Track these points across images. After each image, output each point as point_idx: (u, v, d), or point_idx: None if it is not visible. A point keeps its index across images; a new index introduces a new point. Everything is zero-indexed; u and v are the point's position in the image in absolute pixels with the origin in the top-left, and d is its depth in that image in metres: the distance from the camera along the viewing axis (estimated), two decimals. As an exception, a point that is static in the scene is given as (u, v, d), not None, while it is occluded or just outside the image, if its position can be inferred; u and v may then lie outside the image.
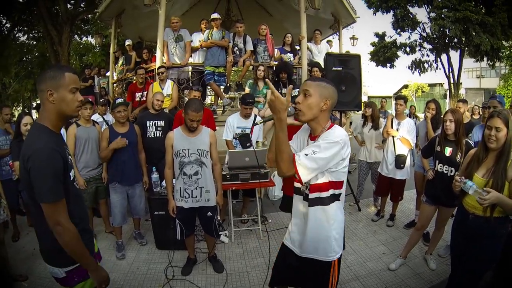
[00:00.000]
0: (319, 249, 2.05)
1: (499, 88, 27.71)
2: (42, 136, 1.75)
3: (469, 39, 16.36)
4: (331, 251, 2.04)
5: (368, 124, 5.52)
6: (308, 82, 1.98)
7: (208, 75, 6.53)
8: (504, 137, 2.37)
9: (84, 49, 18.72)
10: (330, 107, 1.98)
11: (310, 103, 1.91)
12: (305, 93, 1.93)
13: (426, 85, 39.60)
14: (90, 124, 4.31)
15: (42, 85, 1.75)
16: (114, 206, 4.11)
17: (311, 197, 2.00)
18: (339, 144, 1.85)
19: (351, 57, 4.61)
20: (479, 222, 2.50)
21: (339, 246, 2.08)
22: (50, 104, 1.77)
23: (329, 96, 1.94)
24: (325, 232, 2.02)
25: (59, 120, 1.83)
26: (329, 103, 1.94)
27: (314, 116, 1.95)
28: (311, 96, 1.91)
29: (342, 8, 8.88)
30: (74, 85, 1.81)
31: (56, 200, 1.70)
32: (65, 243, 1.74)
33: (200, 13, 8.22)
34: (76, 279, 1.94)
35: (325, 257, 2.05)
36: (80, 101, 1.84)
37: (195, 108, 3.21)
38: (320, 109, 1.93)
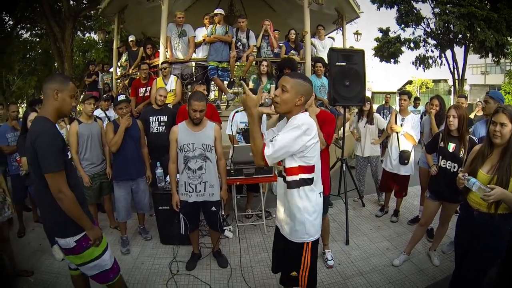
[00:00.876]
0: (293, 230, 2.22)
1: (504, 85, 27.50)
2: (46, 123, 2.19)
3: (474, 35, 16.26)
4: (304, 233, 2.19)
5: (363, 119, 5.53)
6: (287, 78, 2.12)
7: (211, 70, 6.54)
8: (509, 133, 2.35)
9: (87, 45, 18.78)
10: (304, 103, 2.14)
11: (286, 98, 2.07)
12: (282, 88, 2.08)
13: (430, 81, 39.39)
14: (92, 120, 4.32)
15: (52, 84, 2.24)
16: (119, 201, 4.12)
17: (288, 180, 2.17)
18: (299, 128, 2.00)
19: (354, 52, 4.57)
20: (483, 219, 2.50)
21: (313, 230, 2.21)
22: (54, 100, 2.24)
23: (304, 93, 2.10)
24: (298, 214, 2.17)
25: (56, 114, 2.29)
26: (303, 99, 2.10)
27: (289, 109, 2.11)
28: (287, 92, 2.07)
29: (345, 3, 8.86)
30: (73, 92, 2.33)
31: (59, 169, 2.13)
32: (66, 206, 2.17)
33: (203, 8, 8.20)
34: (84, 245, 2.33)
35: (297, 239, 2.22)
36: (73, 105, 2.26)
37: (197, 98, 3.23)
38: (295, 104, 2.09)
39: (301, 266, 2.21)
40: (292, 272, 2.25)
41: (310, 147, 2.07)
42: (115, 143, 3.94)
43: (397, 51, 20.46)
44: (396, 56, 21.02)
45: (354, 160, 7.79)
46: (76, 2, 15.39)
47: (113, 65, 9.32)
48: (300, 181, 2.13)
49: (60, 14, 14.31)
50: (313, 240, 2.22)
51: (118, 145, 3.95)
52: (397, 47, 20.31)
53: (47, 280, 3.49)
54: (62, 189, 2.14)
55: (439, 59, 20.42)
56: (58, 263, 3.78)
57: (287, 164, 2.13)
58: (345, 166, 4.83)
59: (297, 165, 2.11)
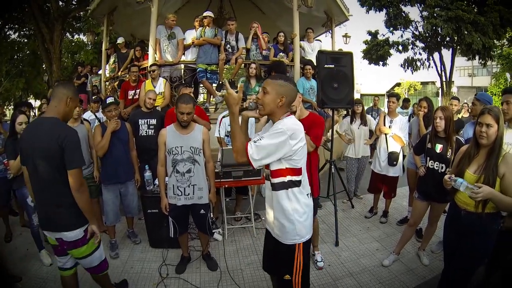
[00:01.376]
0: (283, 232, 2.20)
1: (491, 87, 27.94)
2: (65, 124, 2.51)
3: (461, 38, 16.47)
4: (295, 235, 2.18)
5: (357, 121, 5.57)
6: (268, 80, 2.17)
7: (200, 72, 6.52)
8: (494, 133, 2.39)
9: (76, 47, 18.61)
10: (286, 103, 2.15)
11: (267, 99, 2.11)
12: (264, 90, 2.12)
13: (418, 83, 39.81)
14: (78, 122, 4.27)
15: (67, 91, 2.50)
16: (107, 205, 4.07)
17: (273, 182, 2.18)
18: (284, 133, 2.01)
19: (343, 55, 4.60)
20: (471, 218, 2.53)
21: (303, 231, 2.20)
22: (65, 106, 2.49)
23: (285, 94, 2.11)
24: (287, 216, 2.17)
25: (64, 118, 2.53)
26: (285, 99, 2.11)
27: (272, 111, 2.14)
28: (268, 93, 2.10)
29: (335, 6, 8.91)
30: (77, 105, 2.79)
31: (83, 164, 2.47)
32: (84, 200, 2.43)
33: (193, 11, 8.21)
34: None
35: (289, 241, 2.20)
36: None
37: (184, 100, 3.23)
38: (277, 105, 2.11)
39: (294, 268, 2.20)
40: (285, 275, 2.23)
41: (297, 151, 2.08)
42: (102, 147, 3.90)
43: (385, 53, 20.64)
44: (384, 59, 21.19)
45: (343, 162, 7.84)
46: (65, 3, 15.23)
47: (101, 67, 9.25)
48: (288, 183, 2.14)
49: (49, 15, 14.15)
50: (304, 241, 2.21)
51: (104, 149, 3.91)
52: (386, 50, 20.50)
53: (35, 285, 3.43)
54: (83, 183, 2.43)
55: (427, 61, 20.65)
56: (47, 268, 3.74)
57: (273, 166, 2.14)
58: (333, 168, 4.85)
59: (284, 167, 2.11)
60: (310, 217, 2.27)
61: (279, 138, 2.00)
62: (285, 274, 2.23)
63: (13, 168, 3.64)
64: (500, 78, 26.99)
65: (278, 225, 2.22)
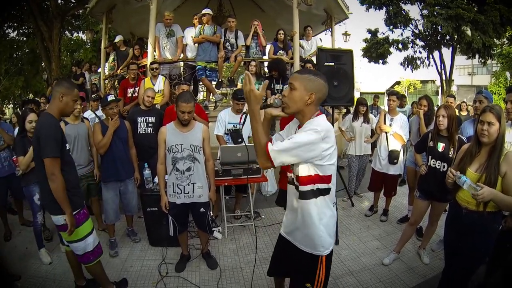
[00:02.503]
0: (308, 242, 2.06)
1: (491, 85, 27.95)
2: (49, 117, 2.65)
3: (461, 37, 16.48)
4: (320, 246, 2.03)
5: (359, 119, 5.55)
6: (295, 74, 1.97)
7: (199, 70, 6.52)
8: (496, 132, 2.38)
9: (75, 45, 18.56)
10: (316, 101, 1.94)
11: (295, 96, 1.90)
12: (290, 86, 1.92)
13: (418, 81, 39.84)
14: (79, 121, 4.26)
15: (60, 88, 2.68)
16: (107, 203, 4.06)
17: (301, 190, 1.99)
18: (318, 132, 1.82)
19: (343, 53, 4.58)
20: (472, 217, 2.51)
21: (328, 242, 2.06)
22: (59, 102, 2.68)
23: (315, 89, 1.91)
24: (313, 226, 2.01)
25: (59, 113, 2.74)
26: (314, 96, 1.91)
27: (299, 109, 1.94)
28: (296, 90, 1.90)
29: (334, 4, 8.89)
30: (76, 98, 2.82)
31: (54, 156, 2.55)
32: (54, 188, 2.56)
33: (192, 9, 8.15)
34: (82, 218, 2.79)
35: (313, 251, 2.05)
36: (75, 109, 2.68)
37: (184, 99, 3.19)
38: (305, 102, 1.91)
39: (316, 279, 2.06)
40: (306, 283, 2.08)
41: (327, 156, 1.89)
42: (103, 145, 3.89)
43: (385, 52, 20.64)
44: (384, 57, 21.20)
45: (343, 160, 7.83)
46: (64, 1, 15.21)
47: (101, 65, 9.22)
48: (316, 191, 1.96)
49: (48, 13, 14.12)
50: (328, 253, 2.07)
51: (106, 147, 3.91)
52: (386, 48, 20.50)
53: (35, 284, 3.42)
54: (54, 172, 2.54)
55: (427, 60, 20.68)
56: (46, 267, 3.73)
57: (301, 172, 1.95)
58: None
59: (313, 174, 1.92)
60: (334, 227, 2.14)
61: (311, 136, 1.82)
62: (306, 282, 2.08)
63: (22, 164, 3.71)
64: (500, 77, 26.99)
65: (301, 235, 2.08)
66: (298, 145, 1.81)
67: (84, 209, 2.87)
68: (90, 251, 2.90)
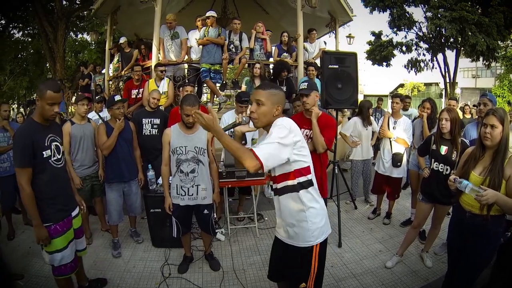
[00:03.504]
0: (298, 235, 2.12)
1: (495, 88, 27.81)
2: (24, 124, 2.65)
3: (465, 39, 16.41)
4: (310, 236, 2.10)
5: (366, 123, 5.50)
6: (259, 91, 2.08)
7: (204, 72, 6.52)
8: (499, 135, 2.38)
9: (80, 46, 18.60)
10: (281, 111, 2.11)
11: (263, 111, 2.05)
12: (257, 102, 2.05)
13: (422, 84, 39.73)
14: (85, 121, 4.26)
15: (37, 92, 2.62)
16: (110, 204, 4.08)
17: (277, 188, 2.12)
18: (284, 127, 1.94)
19: (347, 55, 4.58)
20: (476, 220, 2.51)
21: (319, 232, 2.13)
22: (37, 106, 2.59)
23: (279, 102, 2.08)
24: (300, 218, 2.09)
25: (41, 116, 2.59)
26: (280, 108, 2.09)
27: (268, 122, 2.07)
28: (264, 105, 2.04)
29: (338, 7, 8.90)
30: (50, 101, 2.51)
31: (20, 166, 2.47)
32: (23, 199, 2.52)
33: (197, 10, 8.20)
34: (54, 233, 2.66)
35: (304, 243, 2.11)
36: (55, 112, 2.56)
37: (189, 103, 3.20)
38: (273, 115, 2.07)
39: (309, 274, 2.12)
40: (301, 284, 2.14)
41: (298, 143, 1.98)
42: (108, 146, 3.91)
43: (389, 54, 20.57)
44: (388, 60, 21.14)
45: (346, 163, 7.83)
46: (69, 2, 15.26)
47: (105, 67, 9.26)
48: (297, 185, 2.05)
49: (53, 14, 14.18)
50: (320, 241, 2.13)
51: (110, 149, 3.93)
52: (390, 51, 20.43)
53: (37, 283, 3.43)
54: (21, 184, 2.46)
55: (430, 62, 20.58)
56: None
57: (278, 171, 2.07)
58: (337, 168, 4.83)
59: (292, 169, 2.03)
60: (325, 217, 2.20)
61: (282, 130, 1.92)
62: (300, 282, 2.14)
63: None
64: (504, 80, 26.85)
65: (291, 231, 2.13)
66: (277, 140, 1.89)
67: (57, 225, 2.68)
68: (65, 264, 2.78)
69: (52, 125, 2.76)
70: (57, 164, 2.70)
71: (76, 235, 2.92)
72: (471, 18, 15.58)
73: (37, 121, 2.60)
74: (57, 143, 2.72)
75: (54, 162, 2.67)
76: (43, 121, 2.61)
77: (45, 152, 2.58)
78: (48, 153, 2.60)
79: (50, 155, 2.63)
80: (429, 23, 17.23)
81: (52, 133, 2.69)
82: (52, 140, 2.67)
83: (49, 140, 2.64)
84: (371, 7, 19.08)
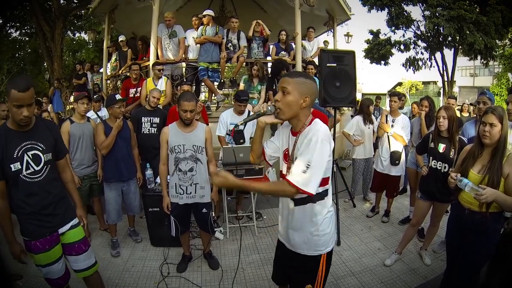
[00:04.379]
0: (307, 244, 2.04)
1: (493, 87, 27.89)
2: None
3: (463, 38, 16.47)
4: (320, 245, 2.03)
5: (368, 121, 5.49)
6: (286, 78, 1.89)
7: (202, 71, 6.52)
8: (498, 133, 2.38)
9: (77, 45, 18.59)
10: (310, 103, 1.91)
11: (289, 101, 1.85)
12: (283, 90, 1.86)
13: (420, 82, 39.80)
14: (85, 120, 4.23)
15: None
16: (109, 203, 4.06)
17: (297, 198, 1.96)
18: (326, 142, 1.81)
19: (345, 54, 4.57)
20: (474, 218, 2.52)
21: (328, 241, 2.06)
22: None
23: (308, 92, 1.87)
24: (312, 228, 2.00)
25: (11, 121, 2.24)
26: (309, 99, 1.87)
27: (294, 114, 1.89)
28: (289, 94, 1.85)
29: (336, 5, 8.91)
30: (15, 102, 2.09)
31: None
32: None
33: (195, 9, 8.20)
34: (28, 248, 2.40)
35: (313, 252, 2.05)
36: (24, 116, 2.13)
37: (186, 98, 3.19)
38: (300, 106, 1.87)
39: (317, 279, 2.07)
40: (307, 285, 2.07)
41: (329, 160, 1.88)
42: (107, 146, 3.89)
43: (387, 53, 20.65)
44: (386, 58, 21.20)
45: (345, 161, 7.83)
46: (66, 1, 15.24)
47: (103, 65, 9.25)
48: (316, 196, 1.88)
49: (50, 13, 14.16)
50: (329, 250, 2.08)
51: (108, 148, 3.91)
52: (388, 49, 20.50)
53: (36, 283, 3.41)
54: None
55: (428, 61, 20.67)
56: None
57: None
58: (336, 167, 4.83)
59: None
60: (334, 225, 2.14)
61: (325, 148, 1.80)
62: (307, 283, 2.07)
63: None
64: (502, 78, 26.93)
65: (301, 239, 2.05)
66: (323, 164, 1.80)
67: (37, 241, 2.38)
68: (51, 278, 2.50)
69: (35, 130, 2.33)
70: (32, 178, 2.30)
71: (66, 251, 2.54)
72: (469, 17, 15.64)
73: (11, 127, 2.23)
74: (36, 152, 2.30)
75: (27, 176, 2.27)
76: (17, 126, 2.23)
77: (13, 166, 2.21)
78: (16, 167, 2.22)
79: (19, 168, 2.23)
80: (427, 22, 17.29)
81: (31, 140, 2.29)
82: (28, 150, 2.26)
83: (22, 150, 2.24)
84: (369, 5, 19.16)
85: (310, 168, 1.75)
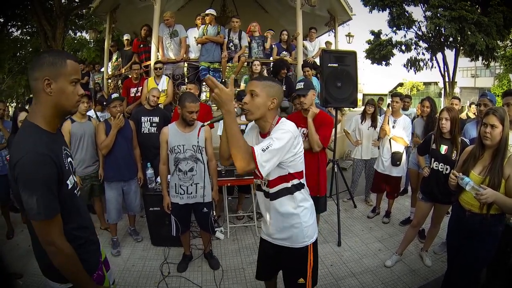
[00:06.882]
0: (291, 237, 2.11)
1: (494, 88, 27.92)
2: (31, 138, 1.46)
3: (465, 38, 16.43)
4: (304, 236, 2.10)
5: (367, 121, 5.47)
6: (255, 82, 1.99)
7: (203, 70, 6.53)
8: (499, 134, 2.38)
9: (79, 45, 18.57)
10: (277, 105, 2.01)
11: (258, 102, 1.94)
12: (251, 93, 1.95)
13: (421, 83, 39.86)
14: (86, 119, 4.23)
15: (37, 73, 1.46)
16: (110, 202, 4.07)
17: (271, 192, 2.06)
18: (290, 132, 1.89)
19: (347, 54, 4.56)
20: (475, 219, 2.51)
21: (312, 231, 2.15)
22: (47, 96, 1.47)
23: (275, 94, 1.97)
24: (293, 220, 2.08)
25: (55, 116, 1.55)
26: (276, 101, 1.98)
27: (262, 115, 1.98)
28: (258, 96, 1.94)
29: (338, 5, 8.89)
30: (75, 76, 1.54)
31: (47, 217, 1.42)
32: (59, 264, 1.51)
33: (196, 9, 8.18)
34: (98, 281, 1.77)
35: (299, 244, 2.12)
36: (80, 95, 1.58)
37: (192, 100, 3.20)
38: (268, 107, 1.96)
39: (307, 268, 2.14)
40: (299, 279, 2.16)
41: (298, 154, 1.98)
42: (106, 145, 3.89)
43: (388, 53, 20.58)
44: (387, 59, 21.14)
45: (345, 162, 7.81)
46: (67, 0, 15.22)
47: (104, 65, 9.24)
48: (292, 187, 2.03)
49: (52, 12, 14.13)
50: (313, 241, 2.16)
51: (109, 148, 3.92)
52: (389, 50, 20.44)
53: (37, 282, 3.41)
54: (53, 242, 1.46)
55: (430, 61, 20.58)
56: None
57: (272, 175, 2.00)
58: (336, 167, 4.83)
59: (287, 173, 1.99)
60: (314, 215, 2.21)
61: (286, 137, 1.85)
62: (298, 278, 2.15)
63: None
64: (503, 79, 26.96)
65: (285, 233, 2.12)
66: (281, 147, 1.83)
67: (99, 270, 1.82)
68: None
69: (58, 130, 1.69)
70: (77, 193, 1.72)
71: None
72: (470, 17, 15.60)
73: (44, 127, 1.52)
74: (71, 159, 1.70)
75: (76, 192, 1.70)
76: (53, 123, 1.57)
77: (69, 181, 1.58)
78: (71, 181, 1.61)
79: (73, 183, 1.63)
80: (429, 22, 17.24)
81: (59, 142, 1.64)
82: (67, 156, 1.63)
83: (65, 155, 1.62)
84: (371, 6, 19.09)
85: (268, 150, 1.79)
